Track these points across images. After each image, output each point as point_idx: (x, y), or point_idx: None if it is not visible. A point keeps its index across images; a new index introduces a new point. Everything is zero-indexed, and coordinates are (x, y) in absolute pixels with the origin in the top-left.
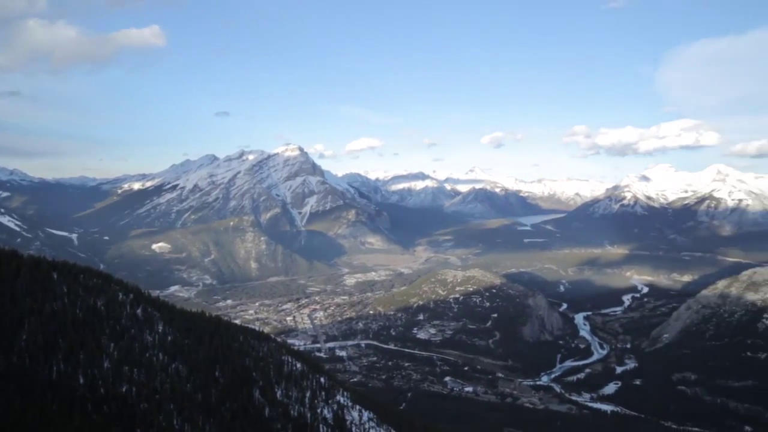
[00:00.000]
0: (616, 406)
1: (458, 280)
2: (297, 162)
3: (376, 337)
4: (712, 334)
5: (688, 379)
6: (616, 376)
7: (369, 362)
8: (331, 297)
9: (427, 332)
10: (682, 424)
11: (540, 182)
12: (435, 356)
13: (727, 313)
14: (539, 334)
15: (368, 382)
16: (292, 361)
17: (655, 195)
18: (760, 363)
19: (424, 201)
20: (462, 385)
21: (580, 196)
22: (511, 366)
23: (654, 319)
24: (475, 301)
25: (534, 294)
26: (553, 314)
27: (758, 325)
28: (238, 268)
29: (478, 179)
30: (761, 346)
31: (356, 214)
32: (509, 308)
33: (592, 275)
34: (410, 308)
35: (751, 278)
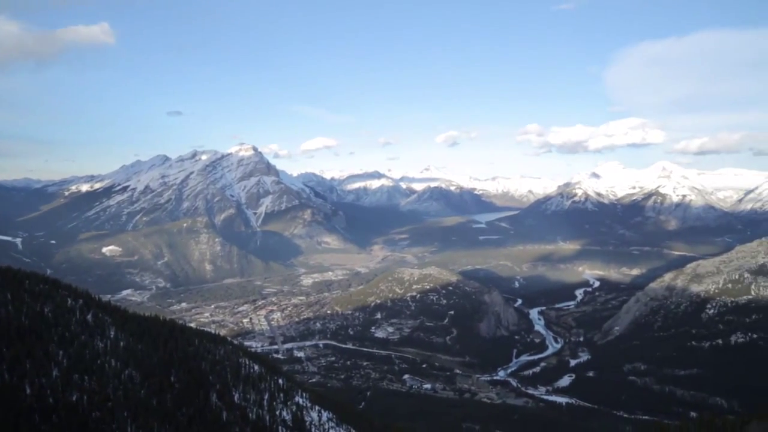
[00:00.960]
0: (570, 398)
1: (415, 278)
2: (251, 162)
3: (334, 337)
4: (660, 325)
5: (638, 370)
6: (571, 368)
7: (327, 362)
8: (288, 297)
9: (385, 331)
10: (633, 413)
11: (494, 180)
12: (393, 354)
13: (673, 305)
14: (495, 329)
15: (327, 382)
16: (250, 364)
17: (605, 192)
18: (704, 352)
19: (380, 200)
20: (420, 382)
21: (533, 193)
22: (468, 362)
23: (605, 313)
24: (432, 299)
25: (490, 290)
26: (509, 310)
27: (702, 315)
28: (193, 270)
29: (434, 178)
30: (705, 335)
31: (312, 214)
32: (466, 305)
33: (546, 271)
34: (368, 307)
35: (695, 271)
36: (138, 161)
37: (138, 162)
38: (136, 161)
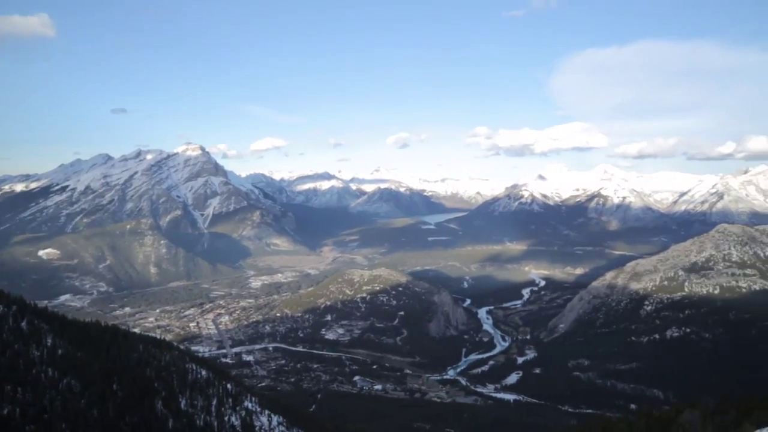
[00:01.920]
0: (518, 394)
1: (365, 279)
2: (199, 162)
3: (283, 340)
4: (602, 321)
5: (582, 365)
6: (518, 366)
7: (277, 365)
8: (236, 300)
9: (335, 333)
10: (578, 407)
11: (443, 182)
12: (344, 356)
13: (614, 302)
14: (445, 329)
15: (277, 386)
16: (197, 369)
17: (550, 193)
18: (643, 346)
19: (330, 201)
20: (371, 383)
21: (482, 194)
22: (418, 362)
23: (551, 311)
24: (382, 300)
25: (439, 291)
26: (458, 310)
27: (641, 311)
28: (137, 273)
29: (384, 179)
30: (643, 330)
31: (261, 216)
32: (415, 306)
33: (494, 271)
34: (318, 309)
35: (634, 269)
36: (78, 160)
37: (78, 161)
38: (76, 160)
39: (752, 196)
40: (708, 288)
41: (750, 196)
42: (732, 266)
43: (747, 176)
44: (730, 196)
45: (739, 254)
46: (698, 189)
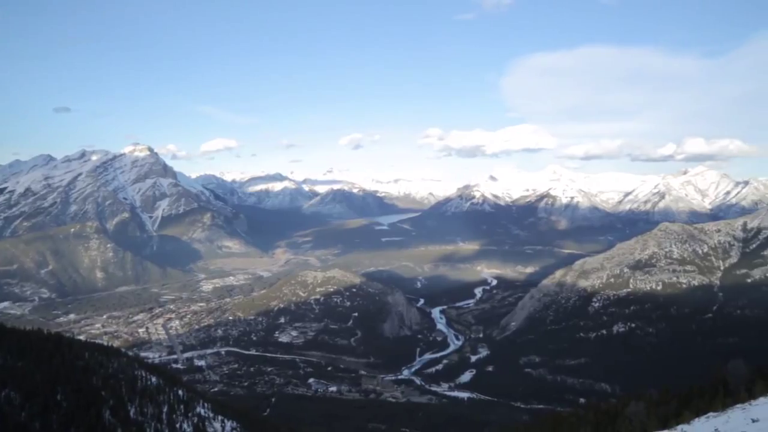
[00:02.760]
0: (472, 392)
1: (319, 281)
2: (147, 163)
3: (236, 344)
4: (552, 319)
5: (533, 362)
6: (471, 364)
7: (230, 370)
8: (187, 304)
9: (289, 335)
10: (530, 403)
11: (396, 182)
12: (298, 359)
13: (563, 300)
14: (399, 329)
15: (230, 391)
16: (147, 376)
17: (501, 194)
18: (591, 342)
19: (283, 202)
20: (326, 385)
21: (434, 195)
22: (373, 363)
23: (503, 309)
24: (336, 301)
25: (393, 291)
26: (412, 310)
27: (589, 308)
28: (82, 279)
29: (337, 180)
30: (591, 326)
31: (212, 217)
32: (369, 306)
33: (447, 271)
34: (271, 312)
35: (582, 267)
36: (17, 161)
37: (17, 162)
38: (14, 161)
39: (691, 196)
40: (651, 284)
41: (689, 196)
42: (673, 263)
43: (686, 177)
44: (671, 195)
45: (680, 251)
46: (642, 189)
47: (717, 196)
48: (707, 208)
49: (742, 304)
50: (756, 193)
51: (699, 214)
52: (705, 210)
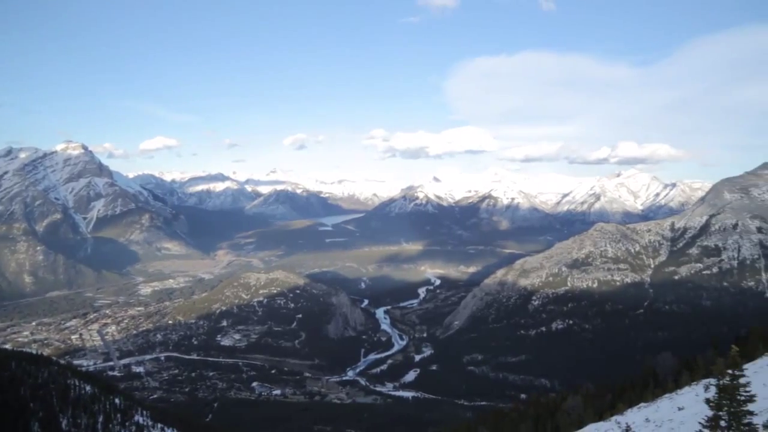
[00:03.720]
0: (416, 391)
1: (262, 282)
2: (80, 161)
3: (176, 348)
4: (494, 317)
5: (476, 360)
6: (416, 363)
7: (170, 375)
8: (124, 309)
9: (231, 338)
10: (473, 401)
11: (340, 183)
12: (241, 362)
13: (505, 298)
14: (343, 330)
15: (170, 397)
16: (80, 385)
17: (444, 195)
18: (531, 339)
19: (225, 203)
20: (270, 388)
21: (378, 196)
22: (318, 364)
23: (446, 309)
24: (280, 303)
25: (337, 292)
26: (356, 310)
27: (529, 306)
28: (8, 283)
29: (280, 180)
30: (531, 324)
31: (151, 219)
32: (313, 308)
33: (391, 271)
34: (213, 315)
35: (522, 266)
36: None
37: None
38: None
39: (624, 197)
40: (588, 282)
41: (622, 197)
42: (608, 261)
43: (620, 179)
44: (606, 197)
45: (614, 250)
46: (578, 191)
47: (648, 197)
48: (639, 209)
49: (670, 299)
50: (683, 194)
51: (631, 215)
52: (637, 211)
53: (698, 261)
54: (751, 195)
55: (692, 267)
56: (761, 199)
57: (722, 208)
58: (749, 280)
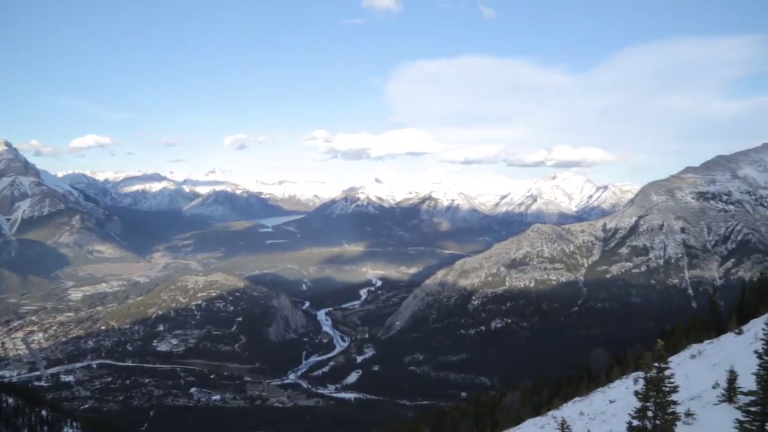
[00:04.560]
0: (359, 393)
1: (200, 285)
2: (3, 159)
3: (110, 355)
4: (435, 317)
5: (417, 360)
6: (357, 365)
7: (103, 384)
8: (52, 315)
9: (168, 343)
10: (415, 400)
11: (281, 184)
12: (179, 368)
13: (445, 298)
14: (285, 333)
15: (103, 407)
16: (2, 397)
17: (386, 196)
18: (471, 338)
19: (161, 204)
20: (209, 394)
21: (319, 197)
22: (258, 368)
23: (387, 309)
24: (219, 306)
25: (278, 294)
26: (297, 313)
27: (469, 306)
28: None
29: (219, 181)
30: (471, 323)
31: (82, 220)
32: (254, 310)
33: (333, 273)
34: (149, 319)
35: (462, 267)
36: None
37: None
38: None
39: (560, 199)
40: (525, 281)
41: (558, 199)
42: (544, 261)
43: (555, 181)
44: (543, 198)
45: (550, 250)
46: (516, 192)
47: (582, 199)
48: (573, 211)
49: (603, 297)
50: (614, 197)
51: (566, 216)
52: (571, 212)
53: (628, 260)
54: (676, 197)
55: (623, 266)
56: (684, 201)
57: (650, 209)
58: (674, 277)
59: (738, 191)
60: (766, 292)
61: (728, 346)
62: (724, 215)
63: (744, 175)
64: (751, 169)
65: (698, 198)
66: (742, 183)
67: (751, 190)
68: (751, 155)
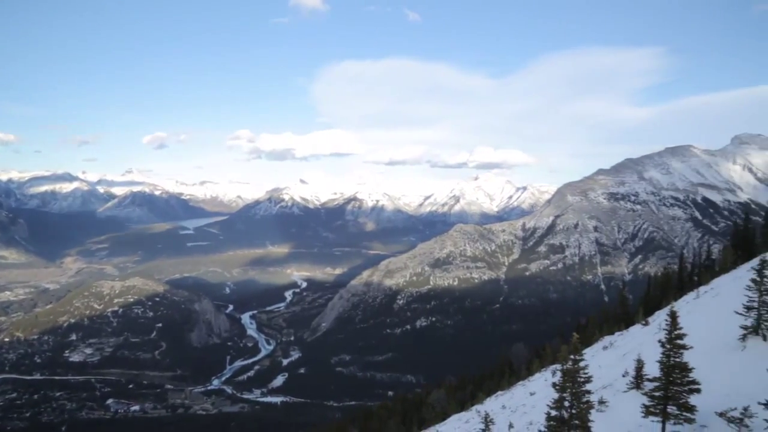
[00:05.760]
0: (285, 396)
1: (117, 291)
2: None
3: (15, 369)
4: (361, 317)
5: (344, 361)
6: (284, 368)
7: (6, 400)
8: None
9: (82, 353)
10: (342, 401)
11: (203, 185)
12: (94, 379)
13: (371, 299)
14: (207, 338)
15: (6, 425)
16: None
17: (311, 197)
18: (397, 337)
19: (73, 205)
20: (128, 405)
21: (242, 198)
22: (180, 375)
23: (313, 311)
24: (138, 312)
25: (200, 298)
26: (221, 316)
27: (394, 305)
28: None
29: (137, 181)
30: (397, 323)
31: None
32: (175, 315)
33: (257, 275)
34: (59, 328)
35: (387, 267)
36: None
37: None
38: None
39: (481, 200)
40: (449, 280)
41: (480, 199)
42: (467, 260)
43: (477, 182)
44: (465, 199)
45: (473, 250)
46: (440, 193)
47: (502, 200)
48: (495, 211)
49: (523, 294)
50: (532, 197)
51: (488, 216)
52: (493, 212)
53: (546, 258)
54: (589, 198)
55: (541, 263)
56: (597, 202)
57: (565, 209)
58: (588, 274)
59: (644, 192)
60: (669, 286)
61: (636, 336)
62: (633, 214)
63: (649, 178)
64: (656, 172)
65: (609, 198)
66: (648, 185)
67: (656, 191)
68: (655, 159)
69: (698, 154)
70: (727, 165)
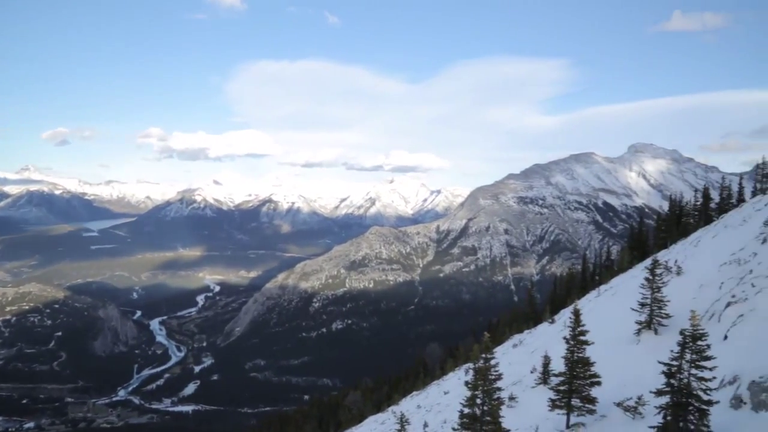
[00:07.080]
0: (197, 404)
1: (9, 298)
2: None
3: None
4: (276, 321)
5: (258, 366)
6: (195, 375)
7: None
8: None
9: None
10: (257, 407)
11: (109, 185)
12: None
13: (286, 302)
14: (113, 346)
15: None
16: None
17: (224, 198)
18: (312, 340)
19: None
20: (21, 422)
21: (152, 199)
22: (82, 387)
23: (227, 315)
24: (34, 321)
25: (104, 304)
26: (127, 323)
27: (310, 308)
28: None
29: (34, 180)
30: (312, 326)
31: None
32: (76, 323)
33: (167, 279)
34: None
35: (303, 270)
36: None
37: None
38: None
39: (397, 202)
40: (365, 283)
41: (395, 202)
42: (382, 263)
43: (393, 185)
44: (381, 201)
45: (388, 252)
46: (356, 196)
47: (417, 202)
48: (410, 213)
49: (437, 295)
50: (446, 200)
51: (404, 218)
52: (408, 215)
53: (459, 260)
54: (500, 201)
55: (454, 265)
56: (507, 205)
57: (478, 212)
58: (499, 275)
59: (551, 196)
60: (573, 285)
61: (543, 334)
62: (540, 218)
63: (556, 182)
64: (562, 177)
65: (519, 202)
66: (555, 189)
67: (561, 195)
68: (561, 165)
69: (599, 161)
70: (625, 171)
